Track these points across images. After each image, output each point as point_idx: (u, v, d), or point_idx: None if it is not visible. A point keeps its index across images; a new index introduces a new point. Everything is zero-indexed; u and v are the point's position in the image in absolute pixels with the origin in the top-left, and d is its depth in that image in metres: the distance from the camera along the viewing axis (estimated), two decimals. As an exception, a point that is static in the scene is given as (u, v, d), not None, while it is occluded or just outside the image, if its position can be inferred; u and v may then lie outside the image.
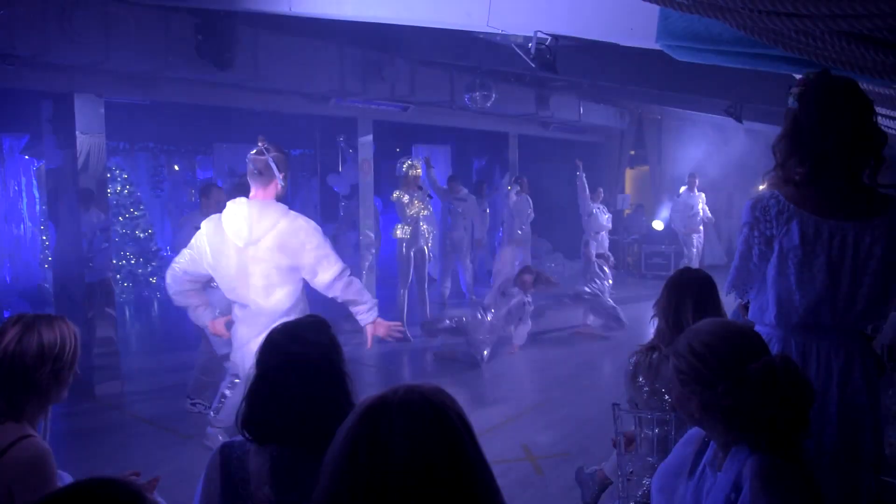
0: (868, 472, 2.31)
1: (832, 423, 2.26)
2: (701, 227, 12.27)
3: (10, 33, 5.05)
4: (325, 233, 4.03)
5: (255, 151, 3.89)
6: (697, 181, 12.34)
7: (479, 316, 7.67)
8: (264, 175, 3.85)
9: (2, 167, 11.36)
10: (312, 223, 3.88)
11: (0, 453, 2.00)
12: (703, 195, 12.37)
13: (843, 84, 2.29)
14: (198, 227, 4.11)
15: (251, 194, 3.91)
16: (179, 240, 6.41)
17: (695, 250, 12.20)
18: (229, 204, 3.91)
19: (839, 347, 2.31)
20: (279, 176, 3.88)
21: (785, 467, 1.67)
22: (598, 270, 9.43)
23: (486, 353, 7.50)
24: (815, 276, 2.27)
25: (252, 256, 3.78)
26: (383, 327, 4.07)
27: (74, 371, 2.23)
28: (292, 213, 3.87)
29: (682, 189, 12.59)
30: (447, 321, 7.91)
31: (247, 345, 3.88)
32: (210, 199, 6.03)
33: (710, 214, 12.39)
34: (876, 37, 2.21)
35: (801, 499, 1.66)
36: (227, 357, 5.06)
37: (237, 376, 4.84)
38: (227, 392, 4.95)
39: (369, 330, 4.04)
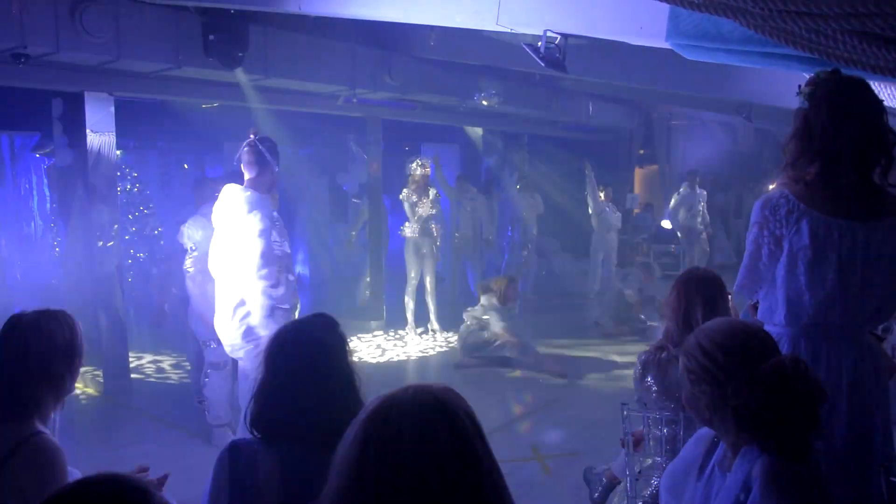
0: (878, 474, 2.29)
1: (842, 424, 2.25)
2: (702, 228, 11.79)
3: (21, 33, 5.08)
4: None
5: (247, 143, 4.20)
6: (698, 179, 11.85)
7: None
8: (256, 164, 4.17)
9: (13, 166, 11.42)
10: (259, 227, 4.02)
11: (11, 451, 2.02)
12: (705, 193, 11.94)
13: (853, 83, 2.28)
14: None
15: (244, 182, 4.21)
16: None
17: (696, 253, 11.68)
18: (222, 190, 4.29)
19: (849, 348, 2.29)
20: (271, 164, 4.20)
21: (795, 468, 1.66)
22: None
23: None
24: (825, 276, 2.26)
25: (224, 237, 4.13)
26: None
27: (82, 361, 2.27)
28: (262, 208, 4.09)
29: (683, 187, 12.08)
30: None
31: (224, 322, 4.16)
32: (204, 194, 5.74)
33: (707, 218, 11.88)
34: (888, 35, 2.20)
35: (810, 500, 1.65)
36: (206, 343, 5.12)
37: (213, 365, 5.11)
38: (205, 381, 5.13)
39: None
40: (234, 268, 4.12)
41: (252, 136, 4.22)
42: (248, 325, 4.06)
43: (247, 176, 4.21)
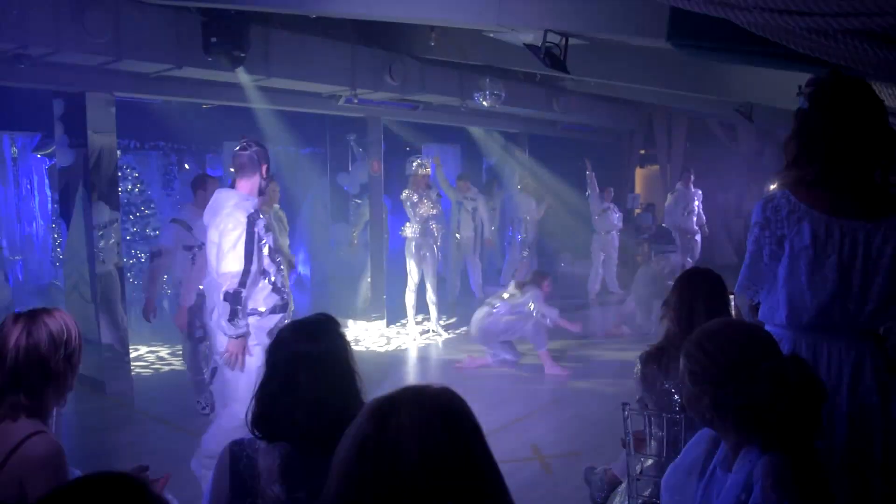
0: (879, 474, 2.29)
1: (843, 424, 2.25)
2: (697, 228, 11.70)
3: (22, 33, 5.08)
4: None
5: (238, 147, 4.34)
6: (693, 177, 11.77)
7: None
8: (248, 168, 4.30)
9: (14, 166, 11.42)
10: (231, 228, 4.08)
11: (12, 449, 2.02)
12: (700, 192, 11.85)
13: (853, 84, 2.28)
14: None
15: (236, 185, 4.33)
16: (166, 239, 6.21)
17: (689, 256, 11.56)
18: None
19: (850, 348, 2.29)
20: (261, 168, 4.33)
21: (796, 468, 1.66)
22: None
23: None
24: (826, 276, 2.26)
25: (211, 236, 4.23)
26: (235, 345, 4.11)
27: (81, 359, 2.29)
28: (240, 209, 4.15)
29: (678, 185, 12.03)
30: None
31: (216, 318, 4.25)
32: (207, 191, 5.67)
33: (703, 217, 11.84)
34: (888, 35, 2.20)
35: (812, 500, 1.65)
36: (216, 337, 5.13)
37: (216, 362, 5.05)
38: (207, 378, 5.16)
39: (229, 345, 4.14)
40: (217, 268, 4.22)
41: (243, 141, 4.35)
42: (220, 325, 4.13)
43: (239, 179, 4.34)
